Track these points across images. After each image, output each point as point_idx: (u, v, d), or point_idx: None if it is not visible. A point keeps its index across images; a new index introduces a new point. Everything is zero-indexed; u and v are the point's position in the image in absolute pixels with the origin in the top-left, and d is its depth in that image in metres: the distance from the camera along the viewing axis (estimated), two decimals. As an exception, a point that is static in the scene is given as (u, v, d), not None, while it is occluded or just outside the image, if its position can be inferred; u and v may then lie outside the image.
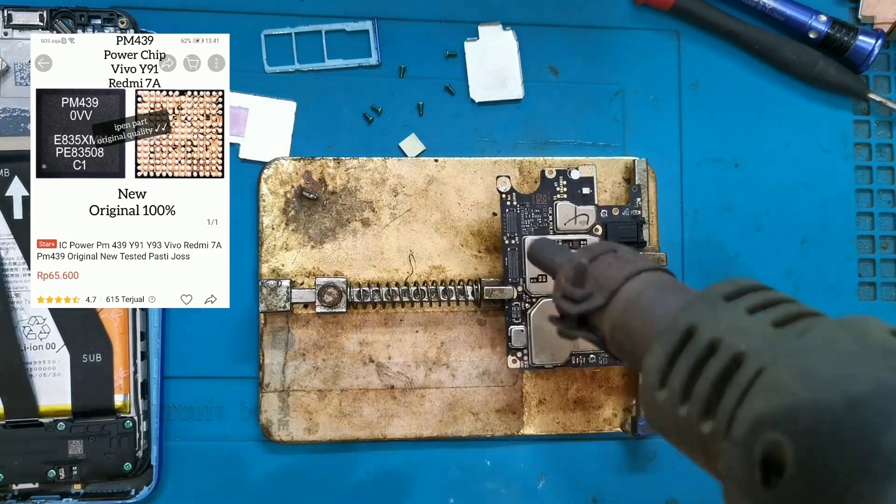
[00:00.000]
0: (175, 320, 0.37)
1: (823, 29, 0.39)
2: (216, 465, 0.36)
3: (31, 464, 0.34)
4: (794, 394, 0.16)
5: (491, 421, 0.37)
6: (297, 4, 0.38)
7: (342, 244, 0.37)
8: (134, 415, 0.35)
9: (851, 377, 0.15)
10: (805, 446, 0.15)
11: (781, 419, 0.16)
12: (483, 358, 0.37)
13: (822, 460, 0.15)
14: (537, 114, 0.39)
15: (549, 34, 0.39)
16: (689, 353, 0.19)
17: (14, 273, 0.34)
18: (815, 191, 0.40)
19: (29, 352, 0.34)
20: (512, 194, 0.35)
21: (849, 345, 0.17)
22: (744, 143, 0.40)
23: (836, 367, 0.16)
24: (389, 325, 0.37)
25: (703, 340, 0.19)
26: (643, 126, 0.39)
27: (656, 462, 0.38)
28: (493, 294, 0.35)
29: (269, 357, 0.36)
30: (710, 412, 0.19)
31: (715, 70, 0.40)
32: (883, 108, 0.40)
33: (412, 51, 0.38)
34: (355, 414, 0.36)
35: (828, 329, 0.18)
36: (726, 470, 0.18)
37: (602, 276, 0.24)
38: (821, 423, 0.15)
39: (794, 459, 0.16)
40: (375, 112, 0.38)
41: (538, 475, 0.38)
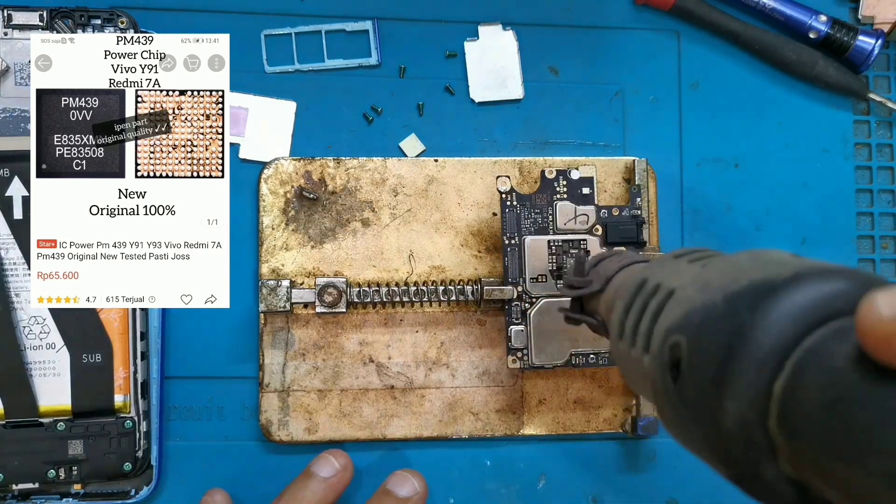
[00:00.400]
0: (175, 320, 0.37)
1: (823, 29, 0.39)
2: (216, 465, 0.36)
3: (31, 464, 0.34)
4: (692, 300, 0.18)
5: (491, 421, 0.37)
6: (297, 4, 0.38)
7: (342, 244, 0.37)
8: (134, 415, 0.35)
9: (735, 280, 0.17)
10: (694, 339, 0.18)
11: (682, 323, 0.18)
12: (483, 358, 0.37)
13: (706, 347, 0.17)
14: (537, 114, 0.39)
15: (549, 34, 0.39)
16: (639, 299, 0.22)
17: (14, 273, 0.34)
18: (815, 191, 0.40)
19: (29, 352, 0.34)
20: (512, 194, 0.35)
21: (744, 261, 0.19)
22: (744, 143, 0.40)
23: (726, 276, 0.18)
24: (389, 325, 0.37)
25: (650, 287, 0.21)
26: (643, 126, 0.39)
27: (656, 462, 0.38)
28: (493, 294, 0.35)
29: (269, 357, 0.36)
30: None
31: (715, 70, 0.40)
32: (883, 108, 0.40)
33: (412, 51, 0.38)
34: (355, 414, 0.36)
35: (734, 255, 0.20)
36: (652, 385, 0.20)
37: (603, 268, 0.28)
38: (706, 318, 0.17)
39: (686, 353, 0.18)
40: (375, 112, 0.38)
41: (538, 475, 0.38)
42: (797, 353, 0.15)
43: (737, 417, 0.16)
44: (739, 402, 0.16)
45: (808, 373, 0.15)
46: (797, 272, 0.16)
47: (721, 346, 0.16)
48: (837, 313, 0.15)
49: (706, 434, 0.17)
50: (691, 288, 0.19)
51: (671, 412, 0.19)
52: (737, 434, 0.16)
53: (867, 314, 0.13)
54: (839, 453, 0.13)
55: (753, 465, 0.16)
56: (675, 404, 0.18)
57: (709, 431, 0.17)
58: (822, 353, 0.15)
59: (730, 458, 0.16)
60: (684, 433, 0.18)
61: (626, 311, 0.22)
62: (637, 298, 0.22)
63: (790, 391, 0.15)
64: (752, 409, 0.16)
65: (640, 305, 0.21)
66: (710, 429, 0.16)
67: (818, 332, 0.15)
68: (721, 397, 0.16)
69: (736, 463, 0.16)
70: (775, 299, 0.16)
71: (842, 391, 0.14)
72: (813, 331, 0.15)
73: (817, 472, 0.14)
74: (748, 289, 0.17)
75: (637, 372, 0.21)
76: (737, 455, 0.16)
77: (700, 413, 0.17)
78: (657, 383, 0.19)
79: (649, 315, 0.21)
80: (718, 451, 0.17)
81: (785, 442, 0.15)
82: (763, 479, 0.16)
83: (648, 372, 0.20)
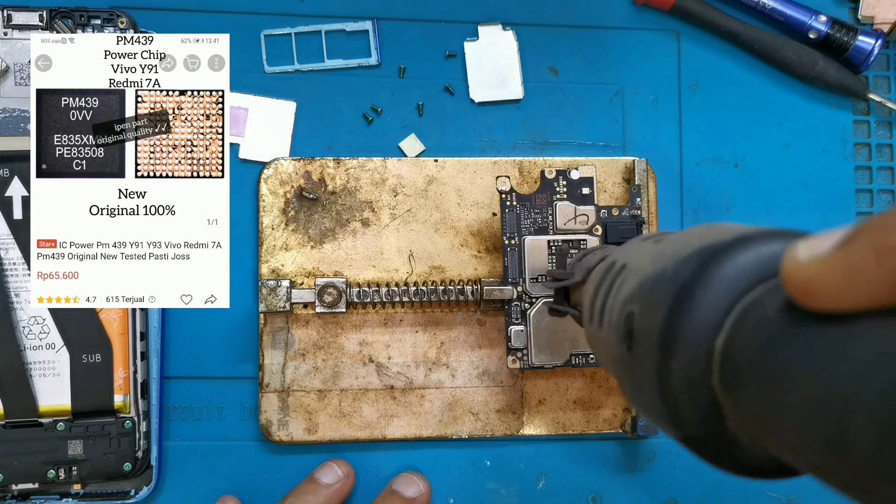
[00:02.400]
0: (175, 320, 0.37)
1: (823, 29, 0.39)
2: (216, 465, 0.36)
3: (31, 464, 0.34)
4: (645, 271, 0.19)
5: (491, 421, 0.37)
6: (297, 4, 0.38)
7: (342, 244, 0.37)
8: (134, 415, 0.35)
9: (684, 249, 0.18)
10: (644, 305, 0.18)
11: (636, 293, 0.19)
12: (483, 358, 0.37)
13: (652, 312, 0.17)
14: (537, 114, 0.39)
15: (549, 34, 0.39)
16: (606, 280, 0.22)
17: (14, 273, 0.34)
18: (815, 191, 0.40)
19: (29, 352, 0.34)
20: (512, 194, 0.35)
21: (696, 232, 0.19)
22: (744, 143, 0.40)
23: (678, 246, 0.18)
24: (389, 326, 0.37)
25: (616, 268, 0.22)
26: (643, 126, 0.39)
27: (656, 462, 0.38)
28: (493, 294, 0.35)
29: (269, 357, 0.36)
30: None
31: (715, 70, 0.40)
32: (883, 108, 0.40)
33: (412, 51, 0.38)
34: (355, 414, 0.36)
35: (690, 228, 0.20)
36: (612, 359, 0.20)
37: (586, 261, 0.28)
38: (655, 284, 0.18)
39: (638, 319, 0.18)
40: (375, 112, 0.38)
41: (538, 475, 0.38)
42: (736, 310, 0.16)
43: (681, 377, 0.16)
44: (683, 361, 0.16)
45: (743, 326, 0.15)
46: (740, 235, 0.17)
47: (665, 308, 0.17)
48: (775, 272, 0.16)
49: (654, 398, 0.17)
50: (647, 260, 0.19)
51: (627, 382, 0.19)
52: (683, 394, 0.16)
53: (788, 260, 0.13)
54: (769, 396, 0.14)
55: (701, 426, 0.16)
56: (629, 372, 0.19)
57: (657, 395, 0.17)
58: (756, 308, 0.15)
59: (679, 420, 0.17)
60: (640, 401, 0.19)
61: (596, 292, 0.23)
62: (605, 280, 0.22)
63: (728, 345, 0.15)
64: (695, 368, 0.16)
65: (606, 286, 0.22)
66: (658, 392, 0.17)
67: (756, 289, 0.16)
68: (667, 358, 0.16)
69: (684, 425, 0.17)
70: (717, 261, 0.16)
71: (770, 336, 0.14)
72: (752, 289, 0.16)
73: (755, 423, 0.15)
74: (694, 253, 0.17)
75: (604, 350, 0.21)
76: (685, 416, 0.16)
77: (649, 377, 0.17)
78: (616, 355, 0.20)
79: (613, 293, 0.21)
80: (668, 414, 0.17)
81: (726, 397, 0.15)
82: (712, 441, 0.16)
83: (610, 347, 0.20)
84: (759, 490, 0.39)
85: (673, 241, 0.19)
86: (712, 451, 0.17)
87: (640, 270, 0.19)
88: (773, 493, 0.39)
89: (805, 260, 0.13)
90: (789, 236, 0.16)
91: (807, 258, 0.13)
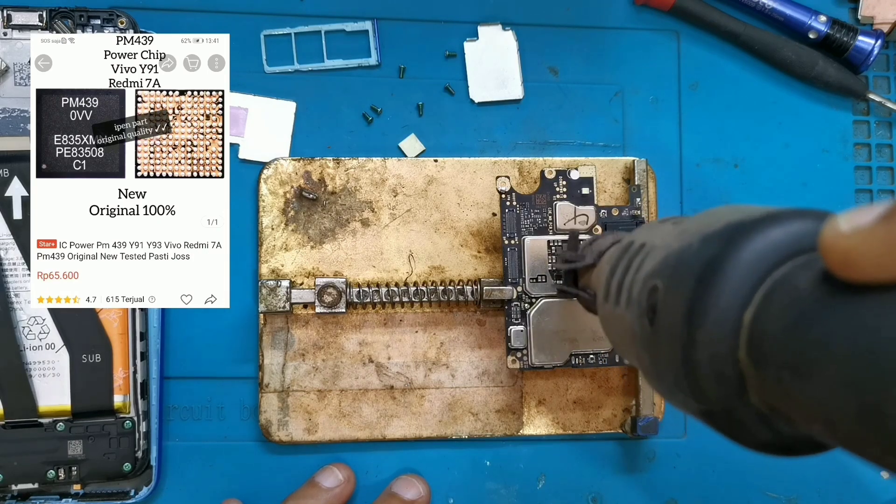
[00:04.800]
0: (175, 320, 0.37)
1: (823, 29, 0.39)
2: (216, 465, 0.36)
3: (31, 464, 0.34)
4: (669, 247, 0.19)
5: (491, 421, 0.37)
6: (297, 4, 0.38)
7: (342, 244, 0.37)
8: (133, 415, 0.35)
9: (711, 225, 0.18)
10: (669, 279, 0.18)
11: (660, 268, 0.19)
12: (483, 358, 0.37)
13: (679, 284, 0.17)
14: (537, 114, 0.39)
15: (549, 34, 0.39)
16: (625, 259, 0.22)
17: (14, 273, 0.34)
18: (815, 191, 0.40)
19: (28, 352, 0.34)
20: (511, 194, 0.35)
21: (722, 211, 0.19)
22: (744, 143, 0.40)
23: (703, 223, 0.18)
24: (389, 326, 0.37)
25: (635, 247, 0.22)
26: (643, 126, 0.39)
27: (656, 462, 0.38)
28: (493, 294, 0.35)
29: (269, 357, 0.36)
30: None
31: (715, 70, 0.40)
32: (882, 109, 0.40)
33: (412, 51, 0.38)
34: (355, 414, 0.36)
35: (714, 208, 0.20)
36: (631, 336, 0.20)
37: (597, 245, 0.28)
38: (681, 259, 0.18)
39: (662, 293, 0.18)
40: (375, 112, 0.38)
41: (538, 475, 0.38)
42: (766, 283, 0.16)
43: (708, 350, 0.16)
44: (710, 334, 0.16)
45: (774, 300, 0.15)
46: (770, 213, 0.17)
47: (693, 280, 0.17)
48: (806, 249, 0.16)
49: (678, 371, 0.17)
50: (670, 237, 0.19)
51: (647, 357, 0.19)
52: (708, 367, 0.16)
53: (829, 231, 0.14)
54: (800, 370, 0.14)
55: (723, 400, 0.16)
56: (650, 346, 0.18)
57: (680, 368, 0.17)
58: (788, 281, 0.15)
59: (701, 394, 0.17)
60: (659, 377, 0.18)
61: (612, 271, 0.23)
62: (623, 259, 0.22)
63: (757, 319, 0.15)
64: (722, 342, 0.16)
65: (625, 264, 0.22)
66: (681, 363, 0.17)
67: (787, 265, 0.16)
68: (693, 330, 0.16)
69: (707, 398, 0.16)
70: (748, 235, 0.16)
71: (804, 309, 0.14)
72: (782, 265, 0.16)
73: (783, 396, 0.15)
74: (723, 229, 0.17)
75: (620, 328, 0.21)
76: (708, 390, 0.16)
77: (673, 349, 0.17)
78: (636, 331, 0.19)
79: (633, 270, 0.21)
80: (690, 387, 0.17)
81: (753, 371, 0.15)
82: (734, 415, 0.16)
83: (629, 324, 0.20)
84: (760, 490, 0.39)
85: (696, 220, 0.19)
86: (732, 426, 0.17)
87: (664, 247, 0.19)
88: (772, 494, 0.39)
89: (847, 231, 0.13)
90: (819, 215, 0.16)
91: (849, 229, 0.13)
